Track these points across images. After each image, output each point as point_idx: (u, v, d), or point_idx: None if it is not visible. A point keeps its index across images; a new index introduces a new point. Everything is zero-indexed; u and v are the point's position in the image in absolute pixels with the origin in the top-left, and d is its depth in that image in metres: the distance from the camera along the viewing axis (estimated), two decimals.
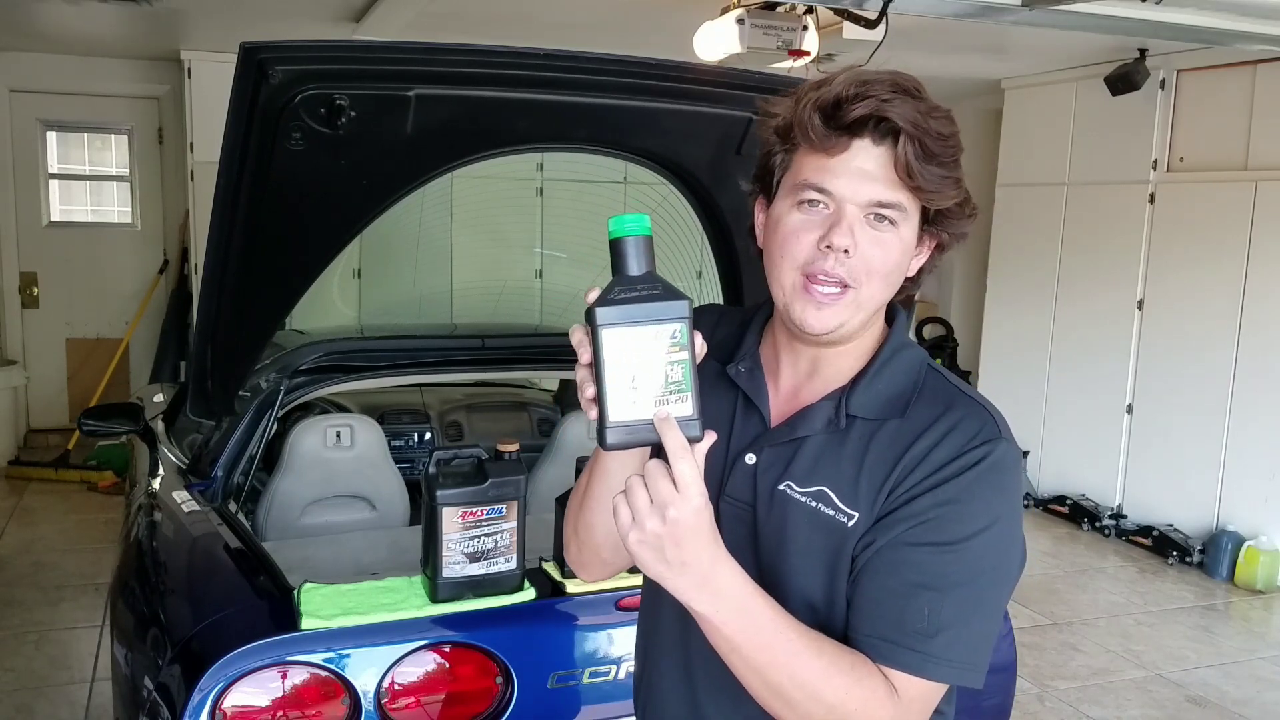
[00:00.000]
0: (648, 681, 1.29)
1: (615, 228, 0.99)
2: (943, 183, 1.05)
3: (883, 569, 1.06)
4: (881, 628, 1.05)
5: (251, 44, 1.79)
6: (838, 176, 1.05)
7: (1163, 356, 5.42)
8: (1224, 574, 5.00)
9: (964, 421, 1.08)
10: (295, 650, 1.73)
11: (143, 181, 6.85)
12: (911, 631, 1.03)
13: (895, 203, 1.06)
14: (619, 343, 0.94)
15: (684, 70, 2.19)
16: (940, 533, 1.05)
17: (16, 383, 6.48)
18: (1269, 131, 4.94)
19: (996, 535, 1.06)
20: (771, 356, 1.20)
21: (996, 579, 1.08)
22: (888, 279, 1.09)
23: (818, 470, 1.11)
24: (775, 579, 1.12)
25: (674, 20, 4.46)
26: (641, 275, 0.98)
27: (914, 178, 1.04)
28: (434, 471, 1.86)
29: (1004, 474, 1.07)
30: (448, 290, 3.90)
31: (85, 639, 3.85)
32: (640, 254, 0.98)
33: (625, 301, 0.96)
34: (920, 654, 1.03)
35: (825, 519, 1.09)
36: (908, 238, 1.09)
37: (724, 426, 1.19)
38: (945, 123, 1.05)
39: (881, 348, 1.15)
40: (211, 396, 2.41)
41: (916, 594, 1.04)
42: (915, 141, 1.03)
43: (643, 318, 0.95)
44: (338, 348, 2.81)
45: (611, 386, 0.95)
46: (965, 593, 1.05)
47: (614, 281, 0.98)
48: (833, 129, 1.05)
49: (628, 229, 0.98)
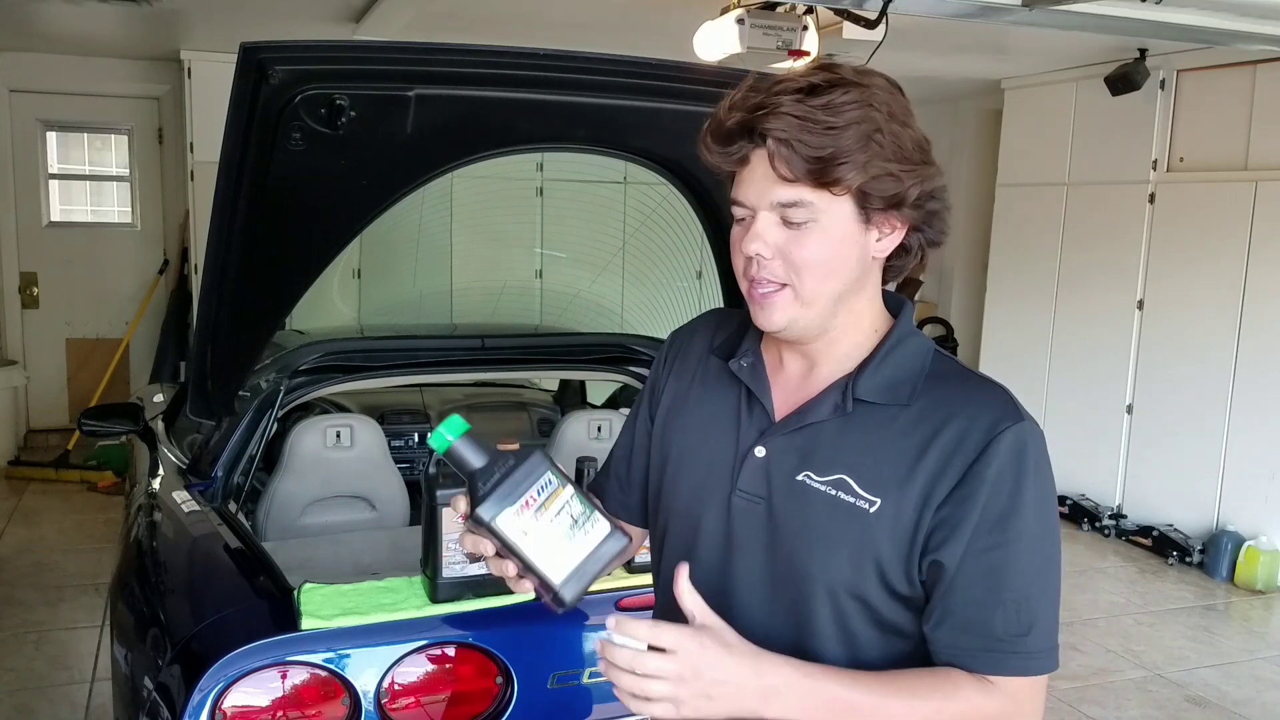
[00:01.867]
0: None
1: (438, 443, 1.06)
2: (839, 169, 1.04)
3: (963, 584, 1.08)
4: (979, 640, 1.08)
5: (251, 44, 1.79)
6: (745, 187, 1.10)
7: (1163, 356, 5.42)
8: (1224, 574, 5.00)
9: (983, 408, 1.10)
10: (295, 650, 1.73)
11: (143, 181, 6.85)
12: (1007, 637, 1.07)
13: (794, 200, 1.07)
14: (515, 523, 1.01)
15: (684, 70, 2.19)
16: (1002, 533, 1.07)
17: (16, 383, 6.48)
18: (1269, 131, 4.94)
19: (1044, 513, 1.10)
20: (774, 352, 1.21)
21: (1055, 554, 1.12)
22: (821, 271, 1.09)
23: (836, 459, 1.12)
24: (797, 568, 1.12)
25: (674, 20, 4.46)
26: (487, 462, 1.04)
27: (794, 173, 1.05)
28: (434, 471, 1.87)
29: (1035, 454, 1.10)
30: (448, 290, 3.90)
31: (85, 639, 3.86)
32: (472, 449, 1.05)
33: (494, 488, 1.02)
34: (1022, 655, 1.07)
35: (846, 506, 1.10)
36: (833, 228, 1.08)
37: (730, 422, 1.20)
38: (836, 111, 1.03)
39: (889, 335, 1.16)
40: (211, 396, 2.41)
41: (1001, 600, 1.07)
42: (786, 143, 1.04)
43: (517, 491, 1.02)
44: (338, 348, 2.81)
45: (536, 558, 1.01)
46: (1040, 581, 1.09)
47: (471, 483, 1.04)
48: (721, 146, 1.10)
49: (449, 438, 1.05)
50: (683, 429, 1.25)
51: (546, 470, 1.02)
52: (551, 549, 1.01)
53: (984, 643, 1.07)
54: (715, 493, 1.18)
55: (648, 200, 4.05)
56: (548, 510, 1.01)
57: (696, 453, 1.22)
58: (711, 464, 1.20)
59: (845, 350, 1.16)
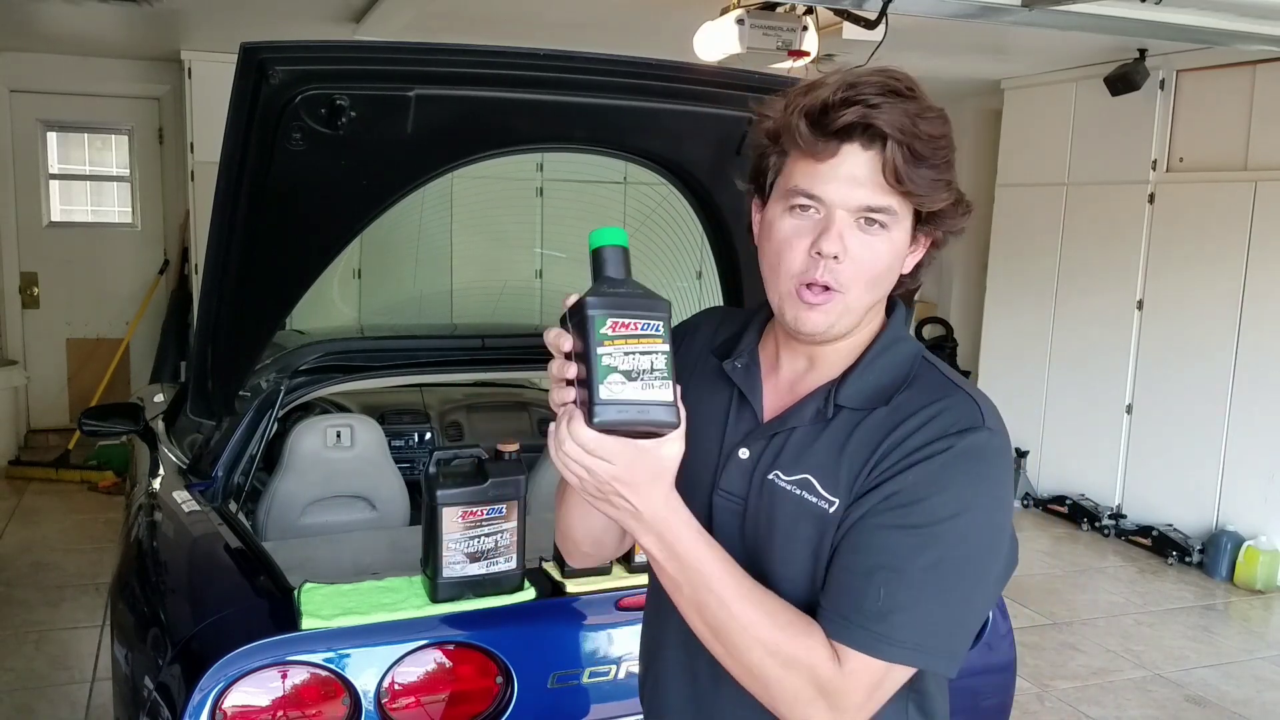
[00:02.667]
0: (653, 675, 1.31)
1: (596, 239, 1.05)
2: (933, 185, 1.06)
3: (847, 548, 1.07)
4: (840, 604, 1.06)
5: (252, 44, 1.79)
6: (827, 182, 1.06)
7: (1162, 356, 5.42)
8: (1223, 574, 5.00)
9: (948, 410, 1.08)
10: (295, 650, 1.73)
11: (143, 182, 6.85)
12: (866, 610, 1.04)
13: (885, 207, 1.06)
14: (608, 330, 1.00)
15: (684, 70, 2.19)
16: (907, 516, 1.05)
17: (17, 383, 6.48)
18: (1269, 131, 4.94)
19: (969, 523, 1.05)
20: (772, 353, 1.22)
21: (966, 567, 1.06)
22: (877, 281, 1.10)
23: (803, 458, 1.13)
24: (762, 566, 1.13)
25: (674, 20, 4.46)
26: (623, 279, 1.04)
27: (903, 182, 1.04)
28: (434, 471, 1.86)
29: (982, 462, 1.06)
30: (448, 290, 3.90)
31: (85, 639, 3.86)
32: (619, 262, 1.05)
33: (613, 295, 1.02)
34: (870, 633, 1.03)
35: (809, 506, 1.11)
36: (899, 240, 1.09)
37: (719, 422, 1.21)
38: (937, 124, 1.05)
39: (875, 341, 1.16)
40: (212, 396, 2.41)
41: (875, 574, 1.05)
42: (904, 146, 1.03)
43: (630, 309, 1.01)
44: (338, 348, 2.81)
45: (600, 371, 0.99)
46: (926, 576, 1.04)
47: (598, 283, 1.04)
48: (820, 135, 1.05)
49: (609, 239, 1.05)
50: None
51: (662, 319, 1.01)
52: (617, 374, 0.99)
53: (843, 608, 1.05)
54: (698, 491, 1.19)
55: (648, 200, 4.05)
56: (638, 344, 1.00)
57: (687, 452, 1.22)
58: (696, 462, 1.20)
59: (842, 356, 1.16)
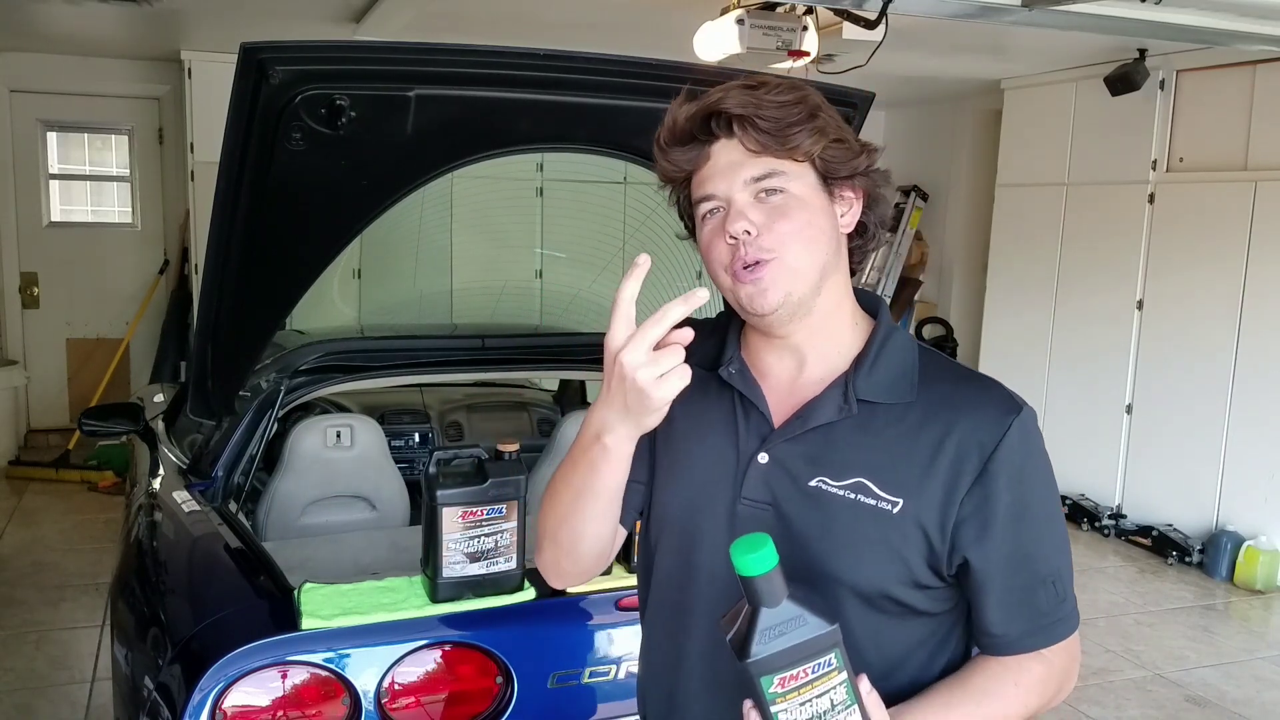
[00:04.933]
0: (667, 689, 1.25)
1: (743, 566, 0.94)
2: (798, 135, 1.11)
3: (1000, 575, 1.14)
4: (1029, 622, 1.15)
5: (252, 44, 1.79)
6: (714, 178, 1.14)
7: (1162, 356, 5.42)
8: (1223, 574, 5.00)
9: (986, 405, 1.15)
10: (295, 650, 1.73)
11: (143, 182, 6.85)
12: (1047, 611, 1.16)
13: (767, 172, 1.12)
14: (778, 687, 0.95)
15: (684, 70, 2.19)
16: (1024, 517, 1.13)
17: (17, 383, 6.48)
18: (1269, 131, 4.94)
19: (1051, 487, 1.18)
20: (757, 356, 1.21)
21: (1062, 518, 1.21)
22: (806, 238, 1.12)
23: (851, 462, 1.13)
24: (820, 571, 1.12)
25: (674, 20, 4.46)
26: (781, 608, 0.95)
27: (768, 146, 1.11)
28: (434, 471, 1.86)
29: (1036, 437, 1.17)
30: (448, 290, 3.90)
31: (85, 639, 3.86)
32: (773, 591, 0.95)
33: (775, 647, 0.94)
34: (1057, 624, 1.17)
35: (868, 509, 1.12)
36: (804, 193, 1.13)
37: (727, 429, 1.19)
38: (783, 91, 1.12)
39: (874, 333, 1.18)
40: (212, 396, 2.41)
41: (1037, 580, 1.15)
42: (753, 117, 1.10)
43: (796, 657, 0.95)
44: (338, 348, 2.81)
45: None
46: (1062, 549, 1.18)
47: (754, 619, 0.95)
48: (684, 147, 1.15)
49: (758, 568, 0.94)
50: (673, 439, 1.22)
51: (834, 651, 0.96)
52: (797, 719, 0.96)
53: (1033, 623, 1.15)
54: (717, 502, 1.17)
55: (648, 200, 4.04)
56: (812, 690, 0.96)
57: (692, 463, 1.21)
58: (710, 473, 1.19)
59: (833, 348, 1.17)
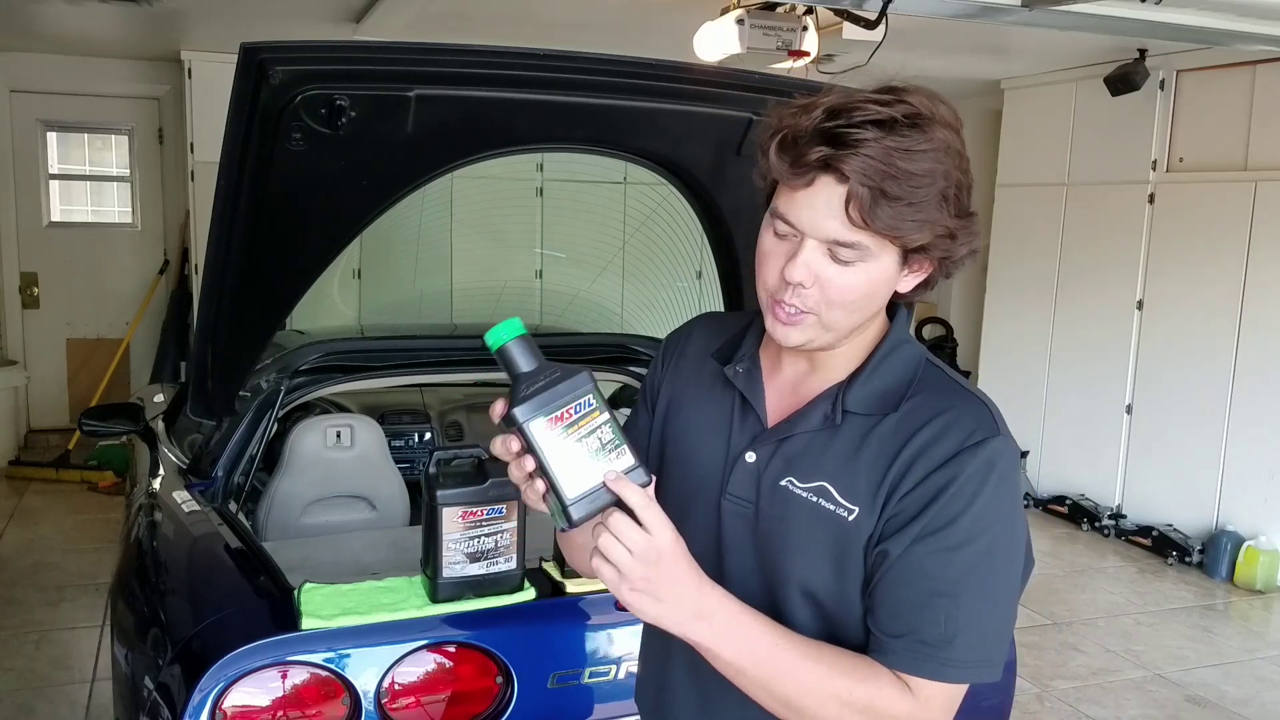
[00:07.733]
0: (657, 681, 1.30)
1: (494, 340, 1.06)
2: (905, 225, 1.02)
3: (897, 579, 1.08)
4: (903, 637, 1.08)
5: (252, 44, 1.79)
6: (801, 210, 1.05)
7: (1162, 356, 5.42)
8: (1223, 574, 5.00)
9: (960, 418, 1.09)
10: (295, 650, 1.73)
11: (143, 182, 6.85)
12: (930, 639, 1.06)
13: (853, 243, 1.04)
14: (547, 431, 1.02)
15: (684, 70, 2.19)
16: (947, 538, 1.06)
17: (17, 383, 6.48)
18: (1269, 131, 4.94)
19: (1001, 532, 1.08)
20: (774, 355, 1.21)
21: (1007, 575, 1.10)
22: (853, 305, 1.08)
23: (819, 466, 1.13)
24: (777, 573, 1.14)
25: (674, 20, 4.46)
26: (535, 368, 1.05)
27: (870, 224, 1.02)
28: (434, 471, 1.86)
29: (1003, 471, 1.08)
30: (448, 290, 3.90)
31: (85, 639, 3.86)
32: (524, 352, 1.06)
33: (535, 394, 1.03)
34: (940, 660, 1.07)
35: (826, 514, 1.11)
36: (875, 271, 1.07)
37: (723, 427, 1.20)
38: (922, 160, 1.01)
39: (880, 344, 1.16)
40: (212, 396, 2.41)
41: (931, 602, 1.07)
42: (870, 189, 1.00)
43: (557, 400, 1.02)
44: (338, 348, 2.81)
45: (558, 469, 1.02)
46: (977, 594, 1.08)
47: (515, 384, 1.05)
48: (791, 167, 1.03)
49: (505, 335, 1.06)
50: (677, 432, 1.26)
51: (589, 391, 1.03)
52: (573, 466, 1.01)
53: (907, 641, 1.07)
54: (705, 496, 1.19)
55: (648, 200, 4.06)
56: (579, 428, 1.02)
57: (689, 456, 1.23)
58: (703, 467, 1.21)
59: (843, 356, 1.16)
